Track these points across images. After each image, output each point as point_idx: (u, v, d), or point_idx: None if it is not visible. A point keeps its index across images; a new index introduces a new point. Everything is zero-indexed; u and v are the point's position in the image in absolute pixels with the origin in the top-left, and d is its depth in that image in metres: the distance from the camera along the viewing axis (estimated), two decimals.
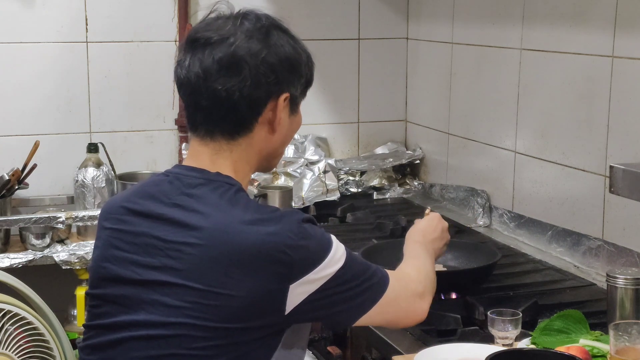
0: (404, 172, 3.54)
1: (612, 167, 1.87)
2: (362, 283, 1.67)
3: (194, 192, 1.64)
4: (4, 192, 3.06)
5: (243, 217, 1.59)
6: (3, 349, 2.49)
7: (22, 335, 2.54)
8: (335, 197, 3.29)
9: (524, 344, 1.89)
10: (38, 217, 3.00)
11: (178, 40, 3.36)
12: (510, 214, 2.88)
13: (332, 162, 3.41)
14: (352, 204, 3.25)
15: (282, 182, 3.31)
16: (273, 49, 1.67)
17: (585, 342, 1.84)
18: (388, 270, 1.76)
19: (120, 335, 1.63)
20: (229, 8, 1.73)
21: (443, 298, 2.22)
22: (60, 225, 3.02)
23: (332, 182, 3.32)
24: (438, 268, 2.28)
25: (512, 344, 1.87)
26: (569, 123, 2.58)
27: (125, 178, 3.26)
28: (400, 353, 1.94)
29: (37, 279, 2.84)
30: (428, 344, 1.91)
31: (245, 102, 1.65)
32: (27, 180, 3.13)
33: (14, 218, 3.01)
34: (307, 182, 3.30)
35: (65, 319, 3.12)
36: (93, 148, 3.23)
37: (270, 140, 1.71)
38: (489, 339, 1.91)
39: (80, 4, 3.28)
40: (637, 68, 2.30)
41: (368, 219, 3.08)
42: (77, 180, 3.22)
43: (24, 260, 2.97)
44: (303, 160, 3.39)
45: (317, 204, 3.25)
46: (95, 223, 2.86)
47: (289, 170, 3.33)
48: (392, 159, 3.50)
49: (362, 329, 2.09)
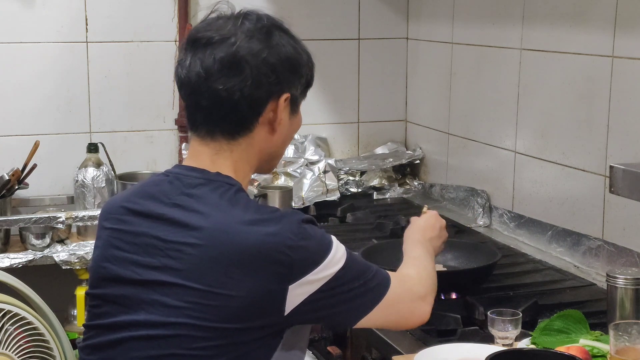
0: (404, 172, 3.54)
1: (612, 167, 1.87)
2: (362, 284, 1.66)
3: (194, 192, 1.64)
4: (4, 192, 3.06)
5: (243, 217, 1.59)
6: (3, 349, 2.49)
7: (22, 335, 2.54)
8: (335, 197, 3.29)
9: (524, 344, 1.89)
10: (38, 217, 3.00)
11: (178, 40, 3.36)
12: (510, 214, 2.88)
13: (332, 162, 3.41)
14: (352, 204, 3.25)
15: (282, 182, 3.30)
16: (274, 49, 1.66)
17: (585, 342, 1.84)
18: (389, 272, 1.76)
19: (120, 335, 1.63)
20: (230, 8, 1.73)
21: (443, 298, 2.21)
22: (60, 225, 3.02)
23: (332, 182, 3.32)
24: (438, 268, 2.27)
25: (512, 344, 1.87)
26: (569, 123, 2.58)
27: (125, 178, 3.25)
28: (400, 353, 1.95)
29: (37, 279, 2.84)
30: (428, 344, 1.91)
31: (246, 102, 1.65)
32: (27, 180, 3.13)
33: (14, 218, 3.01)
34: (307, 182, 3.29)
35: (65, 319, 3.11)
36: (93, 148, 3.23)
37: (271, 141, 1.71)
38: (489, 339, 1.91)
39: (80, 4, 3.27)
40: (637, 68, 2.30)
41: (368, 219, 3.08)
42: (77, 180, 3.21)
43: (24, 260, 2.97)
44: (303, 160, 3.38)
45: (317, 204, 3.25)
46: (95, 223, 2.89)
47: (289, 170, 3.33)
48: (392, 159, 3.50)
49: (362, 329, 2.09)
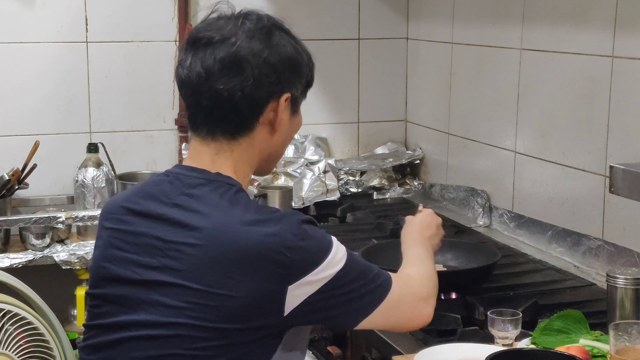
0: (404, 172, 3.54)
1: (612, 167, 1.87)
2: (363, 286, 1.66)
3: (194, 192, 1.64)
4: (4, 192, 3.06)
5: (243, 217, 1.59)
6: (3, 349, 2.49)
7: (22, 335, 2.54)
8: (335, 197, 3.29)
9: (524, 344, 1.89)
10: (38, 217, 3.00)
11: (178, 40, 3.36)
12: (510, 214, 2.88)
13: (332, 162, 3.41)
14: (352, 204, 3.25)
15: (282, 182, 3.30)
16: (275, 49, 1.66)
17: (585, 342, 1.84)
18: (391, 273, 1.75)
19: (120, 335, 1.62)
20: (230, 8, 1.72)
21: (443, 298, 2.21)
22: (60, 225, 3.02)
23: (332, 182, 3.32)
24: (438, 268, 2.27)
25: (512, 344, 1.87)
26: (569, 123, 2.58)
27: (125, 178, 3.25)
28: (400, 353, 1.95)
29: (37, 279, 2.84)
30: (428, 344, 1.91)
31: (247, 102, 1.65)
32: (27, 180, 3.13)
33: (14, 218, 3.01)
34: (307, 182, 3.29)
35: (65, 319, 3.11)
36: (93, 148, 3.23)
37: (271, 141, 1.71)
38: (489, 339, 1.91)
39: (80, 4, 3.27)
40: (637, 68, 2.30)
41: (368, 219, 3.08)
42: (77, 180, 3.21)
43: (24, 260, 2.97)
44: (303, 160, 3.38)
45: (317, 204, 3.25)
46: (96, 223, 2.89)
47: (289, 170, 3.33)
48: (392, 159, 3.50)
49: (362, 329, 2.08)
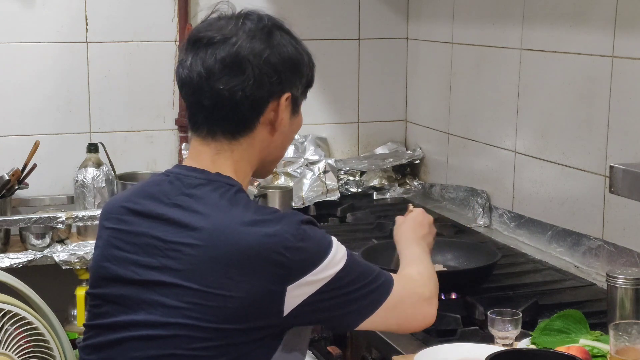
0: (404, 172, 3.54)
1: (612, 167, 1.87)
2: (363, 286, 1.65)
3: (194, 192, 1.64)
4: (4, 192, 3.06)
5: (243, 218, 1.59)
6: (3, 349, 2.49)
7: (22, 335, 2.54)
8: (335, 197, 3.29)
9: (524, 344, 1.89)
10: (38, 217, 3.00)
11: (178, 40, 3.36)
12: (510, 214, 2.88)
13: (332, 162, 3.41)
14: (352, 204, 3.25)
15: (282, 182, 3.30)
16: (276, 49, 1.66)
17: (585, 342, 1.84)
18: (393, 274, 1.74)
19: (120, 335, 1.63)
20: (230, 8, 1.72)
21: (443, 298, 2.21)
22: (60, 225, 3.02)
23: (332, 182, 3.32)
24: (438, 268, 2.28)
25: (512, 344, 1.87)
26: (569, 123, 2.58)
27: (125, 178, 3.25)
28: (400, 353, 1.94)
29: (37, 279, 2.84)
30: (428, 344, 1.91)
31: (248, 101, 1.65)
32: (27, 180, 3.13)
33: (14, 218, 3.00)
34: (307, 182, 3.29)
35: (65, 319, 3.11)
36: (93, 148, 3.23)
37: (272, 141, 1.71)
38: (489, 339, 1.91)
39: (80, 4, 3.27)
40: (637, 68, 2.30)
41: (368, 219, 3.08)
42: (77, 180, 3.21)
43: (24, 260, 2.97)
44: (303, 160, 3.38)
45: (317, 204, 3.25)
46: (96, 223, 2.90)
47: (289, 170, 3.33)
48: (392, 159, 3.50)
49: (363, 330, 2.09)
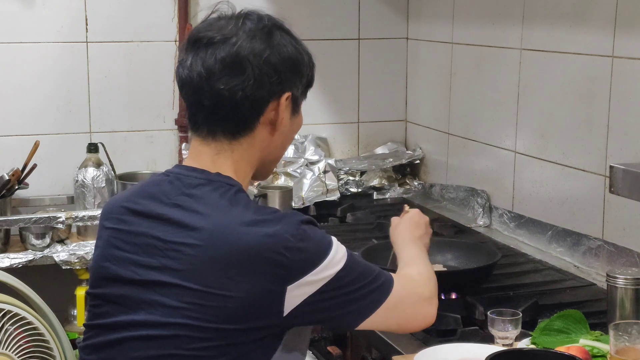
0: (404, 172, 3.54)
1: (612, 167, 1.87)
2: (364, 286, 1.65)
3: (194, 192, 1.64)
4: (4, 192, 3.06)
5: (242, 218, 1.59)
6: (3, 349, 2.49)
7: (22, 335, 2.54)
8: (335, 197, 3.29)
9: (524, 344, 1.89)
10: (38, 217, 3.00)
11: (178, 40, 3.36)
12: (510, 214, 2.88)
13: (332, 162, 3.41)
14: (352, 204, 3.25)
15: (282, 182, 3.30)
16: (276, 49, 1.66)
17: (585, 342, 1.84)
18: (393, 274, 1.74)
19: (120, 335, 1.63)
20: (230, 8, 1.72)
21: (443, 298, 2.21)
22: (60, 225, 3.02)
23: (332, 182, 3.32)
24: (438, 268, 2.28)
25: (512, 344, 1.87)
26: (569, 123, 2.58)
27: (125, 178, 3.25)
28: (400, 353, 1.94)
29: (37, 279, 2.84)
30: (428, 344, 1.91)
31: (248, 101, 1.65)
32: (27, 180, 3.13)
33: (14, 218, 3.00)
34: (307, 182, 3.29)
35: (65, 319, 3.11)
36: (93, 148, 3.23)
37: (272, 141, 1.71)
38: (489, 339, 1.91)
39: (80, 4, 3.27)
40: (637, 68, 2.30)
41: (368, 219, 3.08)
42: (77, 180, 3.21)
43: (24, 260, 2.97)
44: (303, 160, 3.38)
45: (317, 204, 3.25)
46: (96, 223, 2.90)
47: (289, 170, 3.33)
48: (392, 159, 3.50)
49: (363, 330, 2.09)
